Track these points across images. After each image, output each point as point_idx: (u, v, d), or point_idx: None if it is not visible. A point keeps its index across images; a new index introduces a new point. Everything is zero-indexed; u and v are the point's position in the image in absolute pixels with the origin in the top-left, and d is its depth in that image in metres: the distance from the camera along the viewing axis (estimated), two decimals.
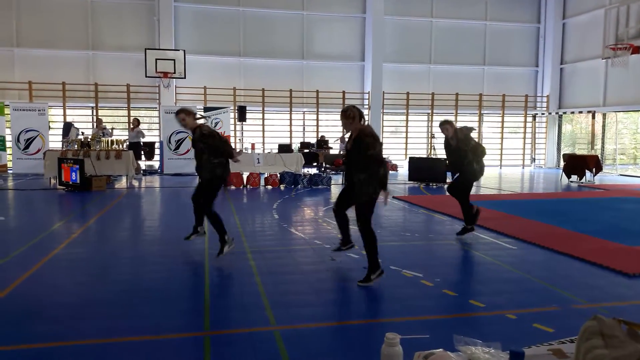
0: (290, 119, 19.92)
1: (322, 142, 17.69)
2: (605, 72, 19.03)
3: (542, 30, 21.62)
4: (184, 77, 17.71)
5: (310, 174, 14.20)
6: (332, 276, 5.49)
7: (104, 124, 15.91)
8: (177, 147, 16.87)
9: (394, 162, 19.48)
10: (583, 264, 5.98)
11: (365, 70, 20.32)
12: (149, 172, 17.23)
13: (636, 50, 15.78)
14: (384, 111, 20.42)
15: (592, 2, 19.62)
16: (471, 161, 7.05)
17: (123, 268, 5.76)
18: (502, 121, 21.72)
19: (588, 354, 1.47)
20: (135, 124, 16.47)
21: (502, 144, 21.71)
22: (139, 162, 15.19)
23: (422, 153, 20.13)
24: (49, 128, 16.92)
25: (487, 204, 10.26)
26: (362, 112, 5.27)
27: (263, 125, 19.61)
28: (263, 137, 19.53)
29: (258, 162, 14.46)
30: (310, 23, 19.80)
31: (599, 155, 17.84)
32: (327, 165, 17.17)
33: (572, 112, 21.04)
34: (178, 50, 17.65)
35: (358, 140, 5.09)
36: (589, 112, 19.92)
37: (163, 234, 7.70)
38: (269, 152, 15.43)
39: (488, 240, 7.20)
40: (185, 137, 16.55)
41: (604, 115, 19.75)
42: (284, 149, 15.79)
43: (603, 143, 19.93)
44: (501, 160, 21.72)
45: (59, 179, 12.66)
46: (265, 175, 14.04)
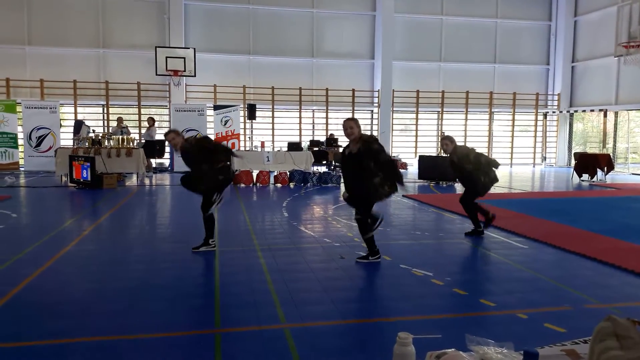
0: (300, 117, 19.92)
1: (331, 140, 17.66)
2: (618, 70, 18.86)
3: (554, 28, 21.45)
4: (194, 75, 17.76)
5: (320, 172, 14.21)
6: (342, 274, 5.48)
7: (124, 123, 15.99)
8: None
9: (403, 160, 19.44)
10: (595, 264, 5.94)
11: (375, 68, 20.27)
12: (160, 169, 17.31)
13: None
14: (394, 109, 20.37)
15: None
16: (477, 176, 7.08)
17: (134, 265, 5.80)
18: (513, 119, 21.59)
19: (602, 355, 1.46)
20: (150, 122, 16.57)
21: (512, 142, 21.57)
22: (150, 160, 15.24)
23: (432, 151, 20.04)
24: (60, 126, 17.06)
25: (498, 203, 10.21)
26: None
27: (273, 123, 19.64)
28: (273, 135, 19.56)
29: (268, 160, 14.48)
30: (320, 21, 19.78)
31: (611, 154, 17.70)
32: (337, 164, 17.15)
33: (584, 111, 20.88)
34: (188, 48, 17.71)
35: (367, 148, 5.43)
36: (600, 110, 19.77)
37: (173, 232, 7.73)
38: (278, 150, 15.44)
39: (499, 239, 7.16)
40: (194, 135, 16.56)
41: (616, 113, 19.56)
42: (294, 147, 15.80)
43: (615, 142, 19.75)
44: (512, 158, 21.59)
45: (70, 177, 12.75)
46: (275, 174, 14.06)
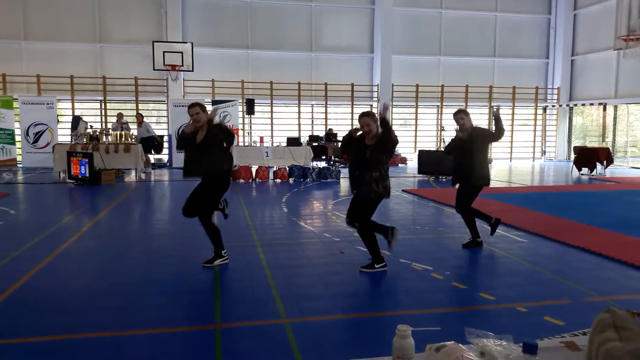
0: (299, 112, 19.89)
1: (330, 135, 17.64)
2: (617, 63, 18.84)
3: (553, 22, 21.41)
4: (192, 70, 17.71)
5: (319, 168, 14.20)
6: (342, 269, 5.48)
7: (124, 119, 15.94)
8: None
9: (403, 155, 19.43)
10: (594, 257, 5.94)
11: (374, 62, 20.23)
12: (158, 165, 17.29)
13: None
14: (393, 104, 20.31)
15: None
16: (481, 163, 6.17)
17: (133, 261, 5.79)
18: (513, 113, 21.58)
19: (602, 346, 1.46)
20: (139, 119, 16.47)
21: (512, 136, 21.56)
22: (148, 156, 15.21)
23: (431, 146, 20.03)
24: (58, 122, 17.02)
25: (497, 197, 10.22)
26: None
27: (271, 118, 19.61)
28: (271, 130, 19.53)
29: (267, 156, 14.46)
30: (319, 15, 19.72)
31: (610, 148, 17.69)
32: (336, 159, 17.15)
33: (583, 105, 20.86)
34: (186, 43, 17.65)
35: (389, 140, 5.13)
36: (600, 104, 19.74)
37: (172, 227, 7.72)
38: (277, 146, 15.42)
39: (498, 233, 7.16)
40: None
41: (616, 107, 19.55)
42: (293, 142, 15.77)
43: (614, 135, 19.75)
44: (511, 152, 21.60)
45: (68, 173, 12.73)
46: (274, 169, 14.05)
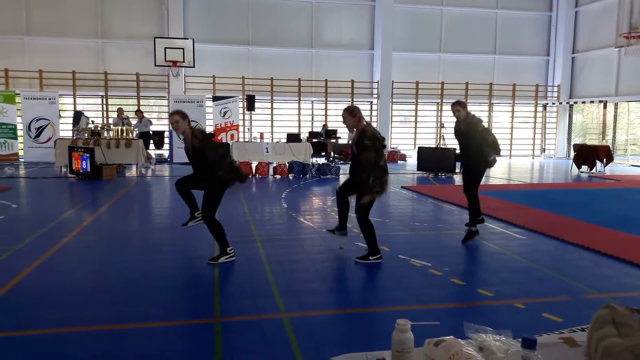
0: (299, 108, 19.88)
1: (330, 132, 17.64)
2: (618, 61, 18.82)
3: (554, 19, 21.37)
4: (193, 66, 17.69)
5: (319, 164, 14.20)
6: (341, 265, 5.50)
7: (125, 114, 15.94)
8: None
9: (402, 151, 19.43)
10: (593, 254, 5.95)
11: (374, 59, 20.20)
12: (159, 160, 17.29)
13: None
14: (393, 100, 20.32)
15: None
16: (480, 147, 6.40)
17: (133, 256, 5.81)
18: (513, 111, 21.57)
19: (600, 342, 1.47)
20: (139, 115, 16.50)
21: (512, 133, 21.57)
22: (148, 151, 15.21)
23: (431, 143, 20.04)
24: (60, 117, 17.03)
25: (496, 194, 10.23)
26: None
27: (272, 114, 19.60)
28: (272, 126, 19.52)
29: (267, 152, 14.46)
30: (319, 11, 19.69)
31: (610, 146, 17.69)
32: (336, 155, 17.15)
33: (583, 102, 20.85)
34: (187, 39, 17.63)
35: (359, 140, 5.21)
36: (600, 101, 19.74)
37: (173, 222, 7.72)
38: (277, 142, 15.42)
39: (497, 230, 7.18)
40: (194, 126, 16.55)
41: (616, 105, 19.54)
42: (293, 138, 15.77)
43: (614, 133, 19.75)
44: (511, 150, 21.59)
45: (70, 168, 12.75)
46: (274, 165, 14.05)
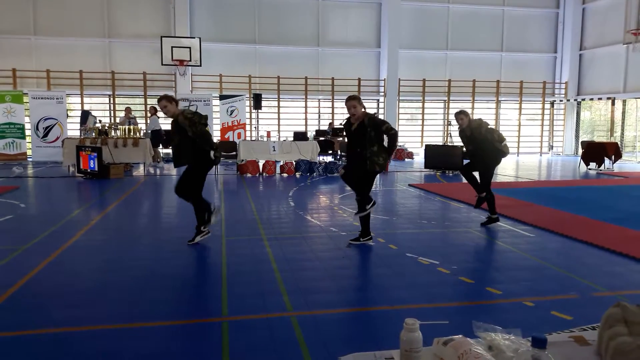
0: (306, 107, 19.88)
1: (337, 130, 17.61)
2: (626, 57, 18.69)
3: (561, 16, 21.24)
4: (200, 65, 17.73)
5: (326, 162, 14.20)
6: (349, 263, 5.49)
7: (132, 113, 15.99)
8: None
9: (409, 149, 19.39)
10: (602, 252, 5.92)
11: (381, 57, 20.17)
12: (166, 159, 17.33)
13: None
14: (400, 98, 20.29)
15: None
16: (490, 144, 6.98)
17: (141, 254, 5.83)
18: (520, 108, 21.48)
19: (611, 341, 1.46)
20: (152, 112, 16.54)
21: (519, 131, 21.49)
22: (158, 150, 15.24)
23: (438, 140, 20.01)
24: (67, 116, 17.12)
25: (504, 192, 10.18)
26: None
27: (278, 112, 19.61)
28: (278, 124, 19.54)
29: (274, 150, 14.48)
30: (325, 9, 19.67)
31: (619, 143, 17.58)
32: (343, 153, 17.11)
33: (591, 99, 20.72)
34: (194, 38, 17.67)
35: (371, 120, 5.84)
36: (608, 98, 19.60)
37: (180, 221, 7.75)
38: (284, 140, 15.42)
39: (505, 228, 7.15)
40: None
41: (624, 101, 19.42)
42: (300, 136, 15.78)
43: (623, 130, 19.62)
44: (519, 147, 21.50)
45: (78, 167, 12.81)
46: (281, 163, 14.05)
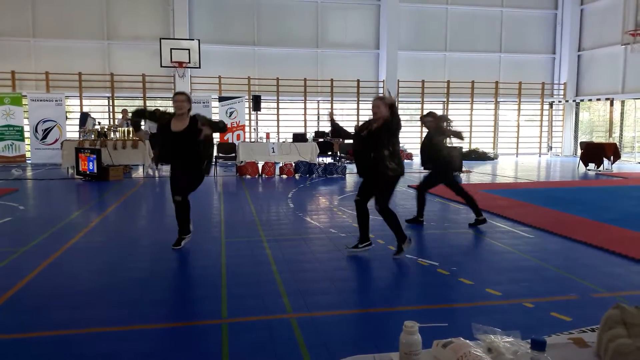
0: (305, 108, 19.88)
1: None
2: (625, 58, 18.73)
3: (560, 17, 21.28)
4: (199, 67, 17.74)
5: (325, 163, 14.20)
6: (348, 264, 5.50)
7: (130, 115, 15.96)
8: None
9: (409, 150, 19.40)
10: (601, 253, 5.92)
11: (380, 58, 20.18)
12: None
13: None
14: (399, 100, 20.26)
15: None
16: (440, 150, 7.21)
17: (140, 256, 5.83)
18: (519, 109, 21.48)
19: (611, 342, 1.46)
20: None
21: (518, 132, 21.48)
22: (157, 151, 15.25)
23: None
24: (66, 118, 17.12)
25: (503, 193, 10.19)
26: None
27: (278, 114, 19.62)
28: (278, 126, 19.55)
29: (273, 152, 14.48)
30: (325, 11, 19.69)
31: (617, 143, 17.60)
32: (342, 155, 17.13)
33: (590, 100, 20.75)
34: (193, 39, 17.68)
35: (395, 119, 5.67)
36: (607, 99, 19.63)
37: None
38: (283, 142, 15.43)
39: (504, 229, 7.15)
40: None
41: (623, 102, 19.45)
42: (299, 138, 15.78)
43: (621, 131, 19.65)
44: (517, 148, 21.50)
45: (77, 169, 12.81)
46: (280, 165, 14.06)
